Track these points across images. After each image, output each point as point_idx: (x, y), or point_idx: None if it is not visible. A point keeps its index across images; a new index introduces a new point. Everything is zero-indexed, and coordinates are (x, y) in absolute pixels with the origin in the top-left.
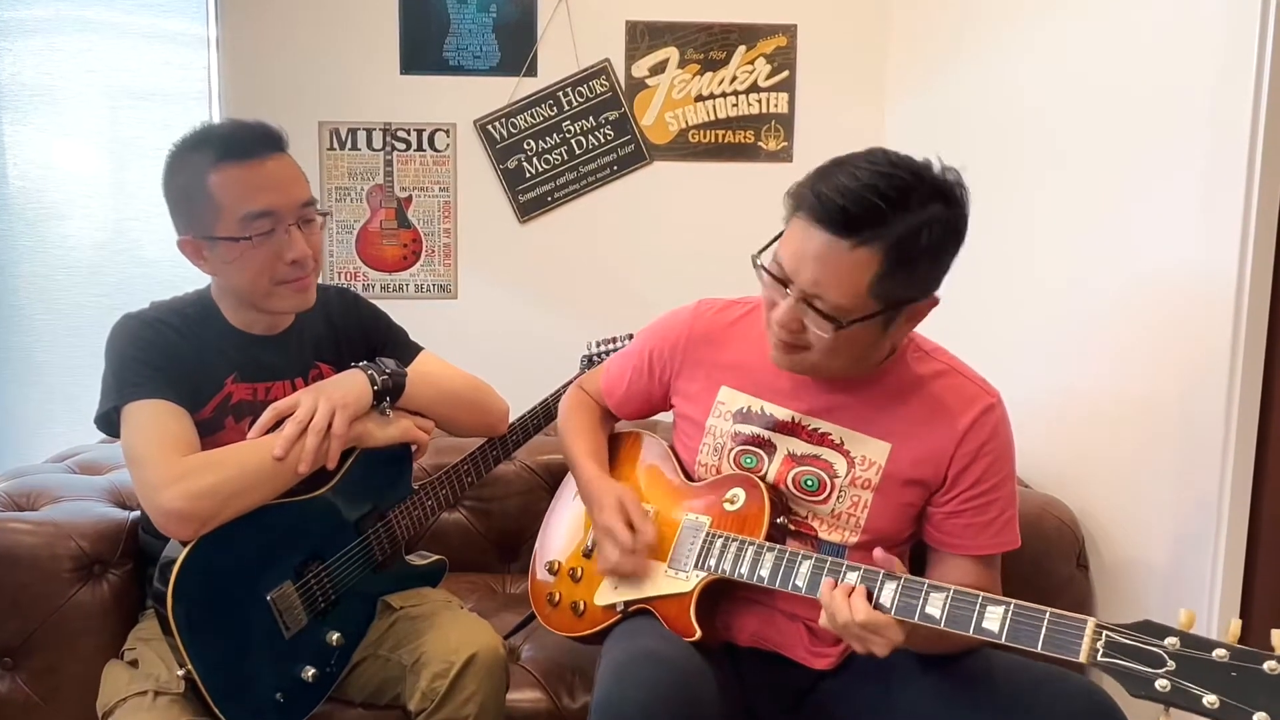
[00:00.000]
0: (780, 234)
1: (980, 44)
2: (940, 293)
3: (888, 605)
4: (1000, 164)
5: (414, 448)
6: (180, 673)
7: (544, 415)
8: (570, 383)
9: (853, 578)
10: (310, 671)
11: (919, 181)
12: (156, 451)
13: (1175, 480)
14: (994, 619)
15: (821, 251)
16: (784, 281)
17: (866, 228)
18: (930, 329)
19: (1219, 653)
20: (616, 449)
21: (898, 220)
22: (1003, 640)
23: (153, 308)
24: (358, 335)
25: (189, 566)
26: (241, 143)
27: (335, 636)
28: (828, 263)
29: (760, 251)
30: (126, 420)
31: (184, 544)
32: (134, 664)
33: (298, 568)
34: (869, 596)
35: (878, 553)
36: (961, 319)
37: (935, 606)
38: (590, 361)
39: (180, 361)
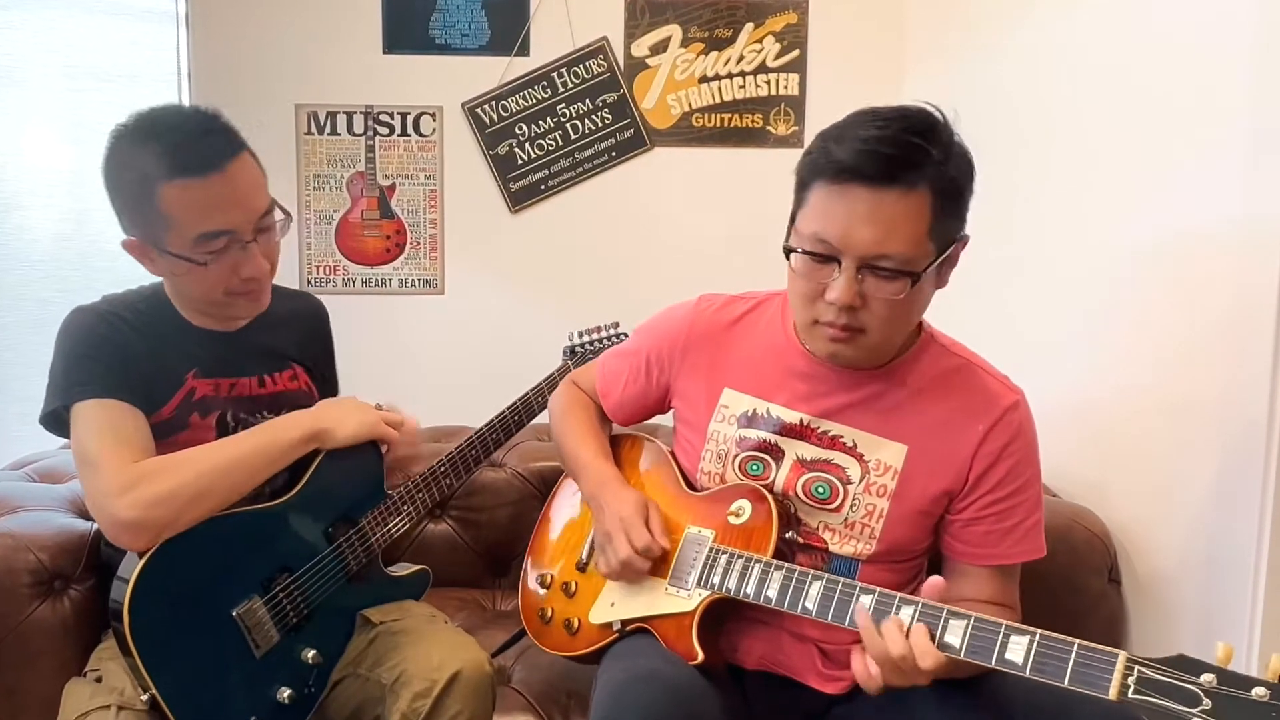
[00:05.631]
0: (794, 214)
1: (1004, 14)
2: (959, 285)
3: None
4: (1023, 146)
5: (384, 448)
6: (144, 697)
7: (524, 411)
8: (551, 377)
9: (866, 601)
10: (286, 692)
11: (932, 119)
12: (108, 455)
13: (1215, 488)
14: (1018, 650)
15: (873, 207)
16: (832, 257)
17: (912, 168)
18: (947, 324)
19: (1259, 691)
20: (614, 453)
21: (935, 154)
22: (1027, 673)
23: (105, 301)
24: (321, 356)
25: (145, 582)
26: (197, 154)
27: (311, 654)
28: (884, 216)
29: (788, 238)
30: (75, 420)
31: (140, 556)
32: (98, 681)
33: (265, 581)
34: (901, 628)
35: (932, 582)
36: (981, 314)
37: (955, 635)
38: (573, 353)
39: (135, 359)
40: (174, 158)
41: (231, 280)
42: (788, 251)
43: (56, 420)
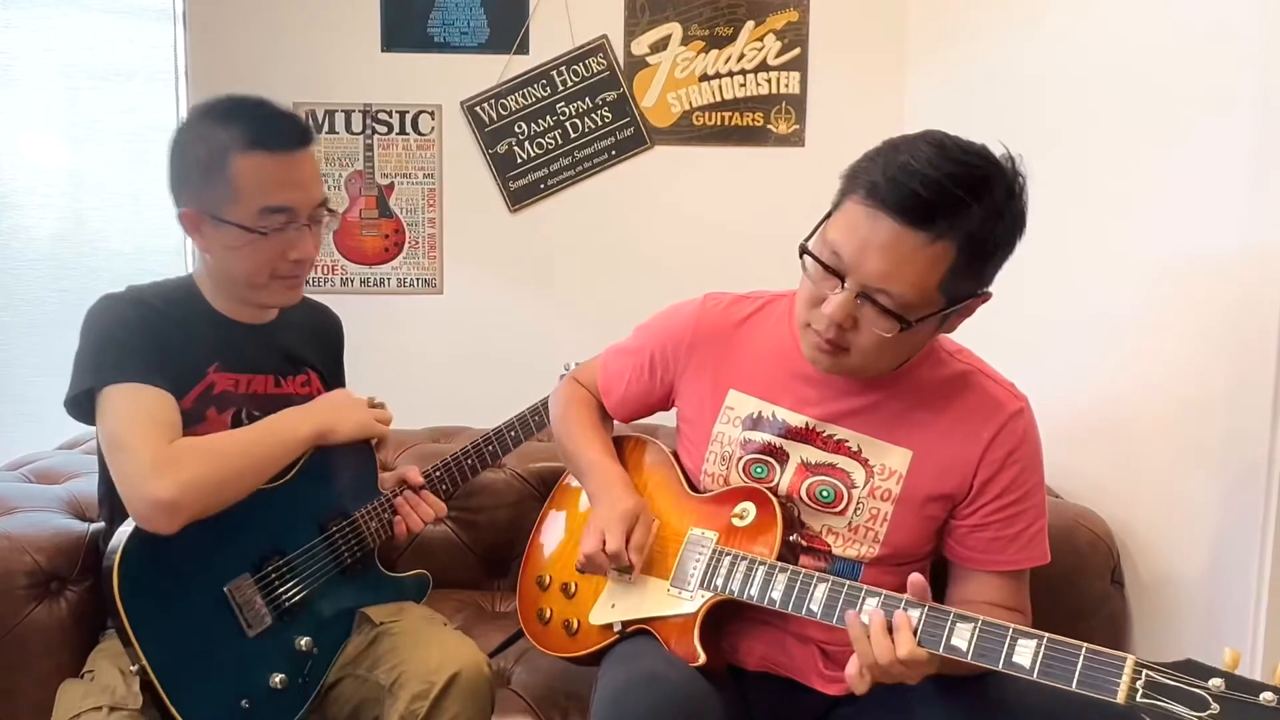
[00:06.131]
0: (827, 216)
1: (1008, 17)
2: None
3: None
4: (1029, 147)
5: (374, 442)
6: (134, 668)
7: (521, 428)
8: (547, 399)
9: (872, 603)
10: (279, 678)
11: (996, 170)
12: (142, 436)
13: (1219, 490)
14: (1025, 653)
15: (891, 242)
16: (839, 273)
17: (944, 219)
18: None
19: (1266, 696)
20: (617, 454)
21: (978, 211)
22: (1034, 677)
23: (133, 290)
24: (333, 368)
25: (136, 548)
26: (276, 132)
27: (304, 641)
28: (898, 255)
29: (808, 238)
30: (106, 403)
31: (129, 533)
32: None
33: (256, 561)
34: (889, 627)
35: (915, 578)
36: (985, 315)
37: (962, 638)
38: None
39: (164, 346)
40: (255, 132)
41: (280, 262)
42: (802, 251)
43: (80, 404)
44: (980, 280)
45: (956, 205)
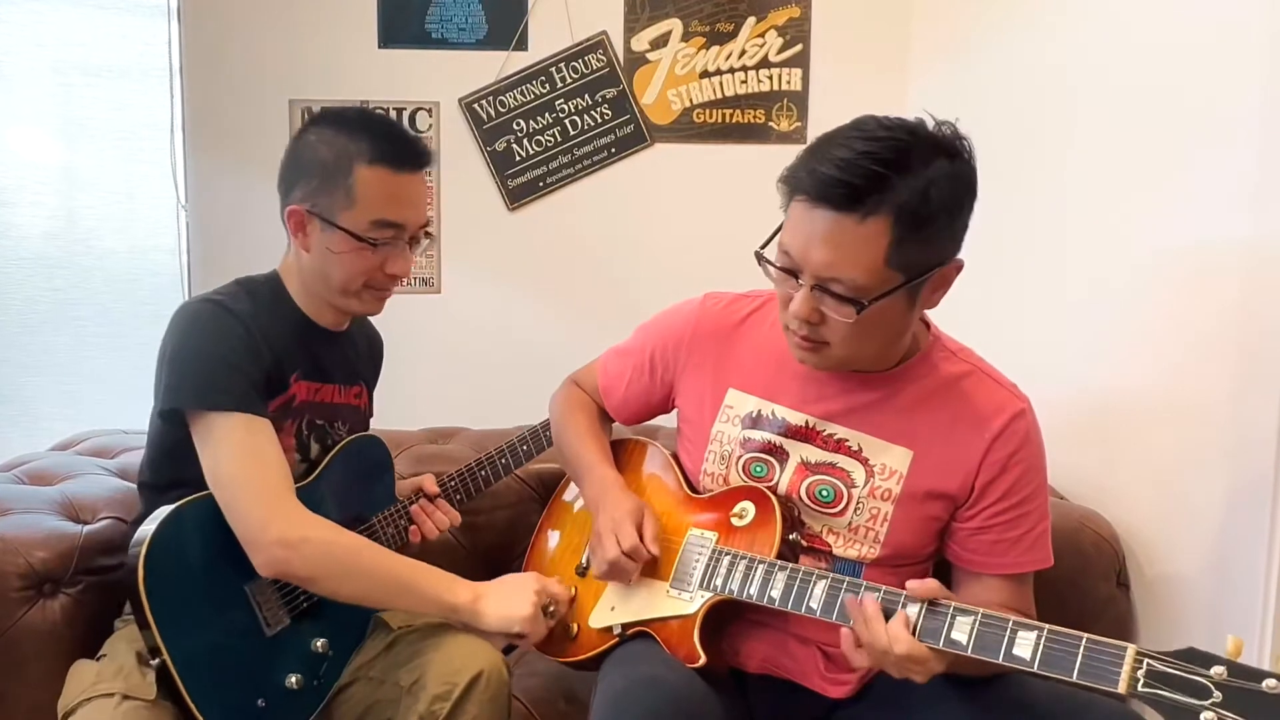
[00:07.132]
0: (781, 224)
1: (1011, 12)
2: (967, 288)
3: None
4: (1033, 143)
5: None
6: (154, 663)
7: (532, 441)
8: None
9: (871, 599)
10: (294, 678)
11: (916, 140)
12: (260, 486)
13: (1225, 491)
14: (1025, 645)
15: (828, 231)
16: (793, 272)
17: (870, 196)
18: (953, 322)
19: (1270, 683)
20: (616, 457)
21: (902, 183)
22: (1035, 669)
23: (231, 296)
24: (374, 380)
25: (159, 543)
26: (403, 151)
27: (321, 642)
28: (837, 242)
29: (764, 245)
30: (213, 430)
31: (155, 521)
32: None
33: None
34: (888, 619)
35: (912, 584)
36: (987, 313)
37: (962, 631)
38: None
39: (259, 359)
40: (383, 147)
41: (377, 274)
42: (760, 258)
43: (174, 417)
44: (934, 248)
45: (877, 181)
